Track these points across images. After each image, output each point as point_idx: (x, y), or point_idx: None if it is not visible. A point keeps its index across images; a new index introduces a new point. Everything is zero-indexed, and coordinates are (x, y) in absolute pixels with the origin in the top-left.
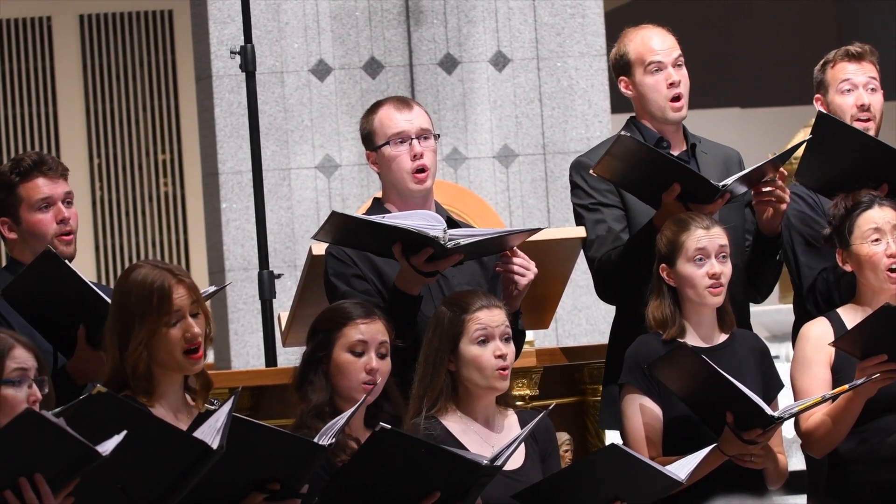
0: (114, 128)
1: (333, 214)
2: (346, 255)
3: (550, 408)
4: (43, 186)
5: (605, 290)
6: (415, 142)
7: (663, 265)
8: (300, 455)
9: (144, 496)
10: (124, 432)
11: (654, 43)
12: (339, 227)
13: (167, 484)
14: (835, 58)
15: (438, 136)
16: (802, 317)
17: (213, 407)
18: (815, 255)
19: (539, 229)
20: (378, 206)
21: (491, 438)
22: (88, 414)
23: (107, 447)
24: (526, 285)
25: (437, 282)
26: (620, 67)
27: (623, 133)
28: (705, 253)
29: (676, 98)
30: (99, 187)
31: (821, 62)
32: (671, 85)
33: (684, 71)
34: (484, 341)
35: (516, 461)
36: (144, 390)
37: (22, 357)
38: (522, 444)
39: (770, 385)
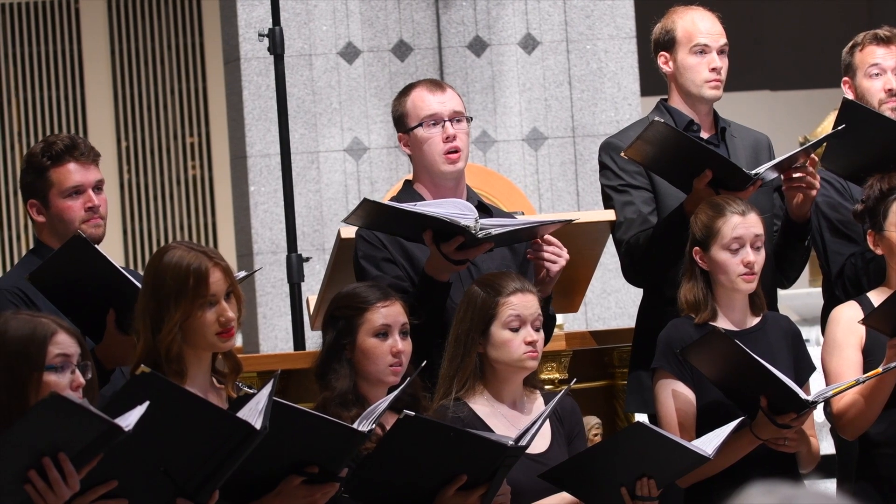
0: (142, 111)
1: (365, 202)
2: (377, 238)
3: (570, 385)
4: (74, 173)
5: (632, 272)
6: (447, 124)
7: (697, 248)
8: (340, 440)
9: (188, 478)
10: (146, 403)
11: (703, 25)
12: (371, 213)
13: (211, 466)
14: (863, 41)
15: (471, 119)
16: (831, 301)
17: (250, 391)
18: (844, 240)
19: (572, 220)
20: (409, 188)
21: (518, 421)
22: (133, 395)
23: (129, 421)
24: (557, 272)
25: (468, 268)
26: (664, 43)
27: (656, 119)
28: (741, 241)
29: (714, 81)
30: (127, 171)
31: (849, 45)
32: (713, 70)
33: (726, 60)
34: (516, 328)
35: (542, 444)
36: (176, 371)
37: (65, 342)
38: (548, 427)
39: (802, 368)
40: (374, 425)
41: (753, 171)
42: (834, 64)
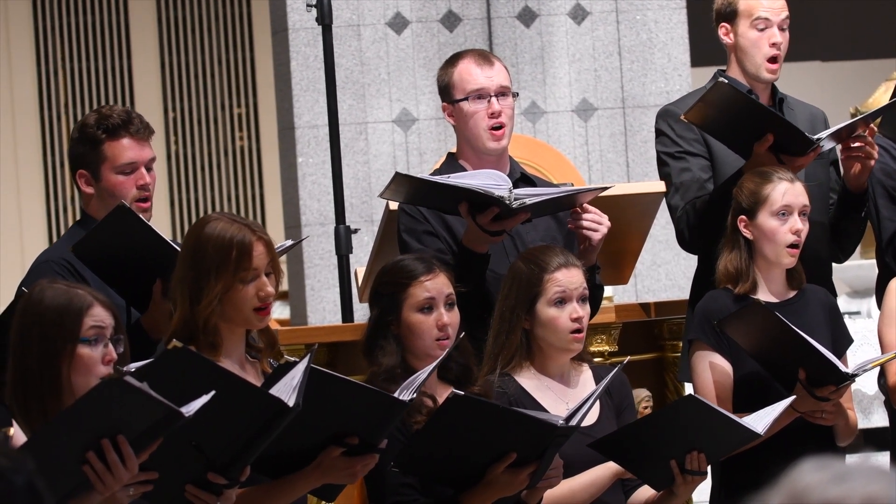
0: (189, 82)
1: (397, 176)
2: (419, 210)
3: (624, 362)
4: (129, 149)
5: (686, 238)
6: (493, 99)
7: (742, 217)
8: (380, 410)
9: (219, 453)
10: (212, 392)
11: None
12: (405, 187)
13: (242, 441)
14: None
15: (517, 94)
16: (885, 272)
17: (290, 359)
18: None
19: (607, 187)
20: (452, 161)
21: (566, 394)
22: (164, 369)
23: (191, 408)
24: (599, 240)
25: (511, 238)
26: (725, 14)
27: (721, 79)
28: (789, 209)
29: (773, 59)
30: (174, 142)
31: None
32: (773, 45)
33: (787, 34)
34: (561, 302)
35: (591, 417)
36: (211, 344)
37: (100, 315)
38: (597, 400)
39: (840, 341)
40: (415, 394)
41: (815, 136)
42: (885, 35)
